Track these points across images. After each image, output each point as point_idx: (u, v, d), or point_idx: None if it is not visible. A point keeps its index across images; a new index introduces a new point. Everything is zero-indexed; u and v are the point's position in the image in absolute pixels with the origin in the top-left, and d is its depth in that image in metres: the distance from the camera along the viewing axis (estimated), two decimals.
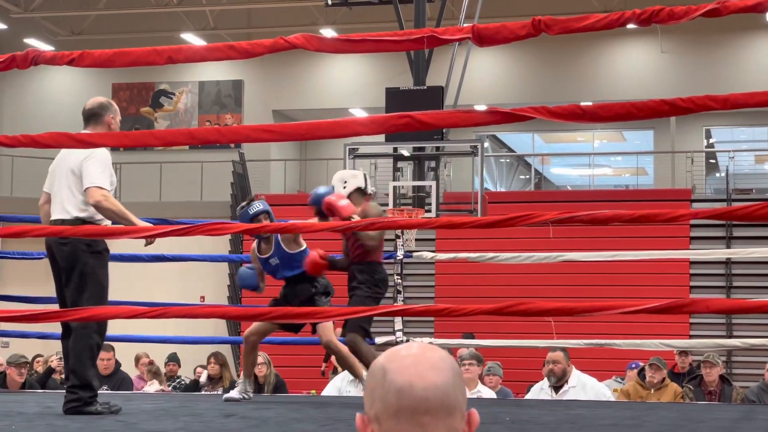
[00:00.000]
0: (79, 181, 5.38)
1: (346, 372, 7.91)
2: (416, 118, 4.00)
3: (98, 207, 5.35)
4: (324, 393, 8.19)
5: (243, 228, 4.19)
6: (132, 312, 3.97)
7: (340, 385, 7.80)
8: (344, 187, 6.58)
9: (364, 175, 6.66)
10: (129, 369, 10.91)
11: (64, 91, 23.94)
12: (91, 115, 5.46)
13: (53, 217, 5.48)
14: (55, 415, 5.37)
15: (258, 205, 6.59)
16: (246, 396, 6.76)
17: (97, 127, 5.41)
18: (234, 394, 6.79)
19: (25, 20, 22.97)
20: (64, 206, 5.45)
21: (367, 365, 6.63)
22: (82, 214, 5.44)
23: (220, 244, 18.83)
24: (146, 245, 5.73)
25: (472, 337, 13.01)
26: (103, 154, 5.33)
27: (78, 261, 5.35)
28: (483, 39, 3.88)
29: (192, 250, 11.32)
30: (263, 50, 4.12)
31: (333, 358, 9.63)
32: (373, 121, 4.21)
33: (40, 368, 12.59)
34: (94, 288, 5.32)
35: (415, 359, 1.59)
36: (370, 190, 6.62)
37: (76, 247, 5.36)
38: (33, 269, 13.33)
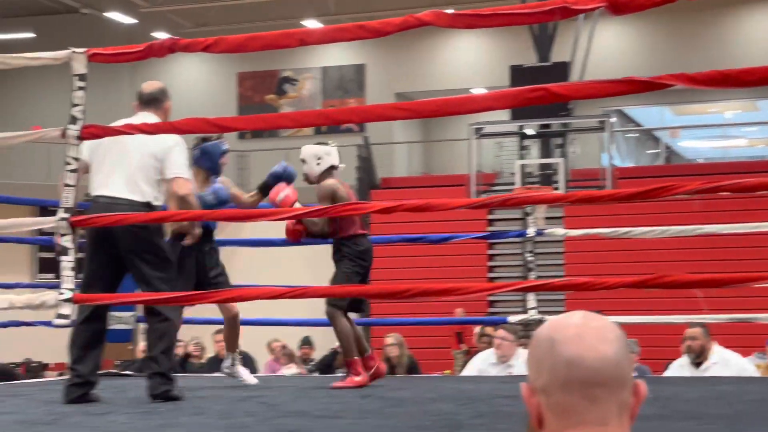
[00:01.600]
0: (156, 167, 5.06)
1: (488, 352, 7.87)
2: (550, 90, 3.93)
3: (184, 200, 5.11)
4: (464, 373, 8.17)
5: (377, 207, 4.19)
6: (273, 293, 4.02)
7: (481, 366, 7.77)
8: (318, 164, 6.46)
9: (338, 151, 6.52)
10: (258, 355, 11.05)
11: (191, 81, 24.43)
12: (152, 100, 5.17)
13: (113, 194, 5.05)
14: (199, 398, 5.48)
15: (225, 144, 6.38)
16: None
17: (156, 112, 5.13)
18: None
19: (153, 14, 23.52)
20: (141, 188, 5.06)
21: (340, 342, 6.51)
22: (156, 202, 5.17)
23: None
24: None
25: None
26: (185, 146, 5.11)
27: (155, 245, 5.12)
28: (618, 7, 3.79)
29: None
30: (393, 29, 4.10)
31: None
32: (505, 95, 4.16)
33: (179, 352, 12.90)
34: (173, 272, 5.17)
35: (582, 329, 1.56)
36: (340, 166, 6.50)
37: (153, 231, 5.14)
38: None
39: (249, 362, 9.86)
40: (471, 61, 23.22)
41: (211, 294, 4.15)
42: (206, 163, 6.39)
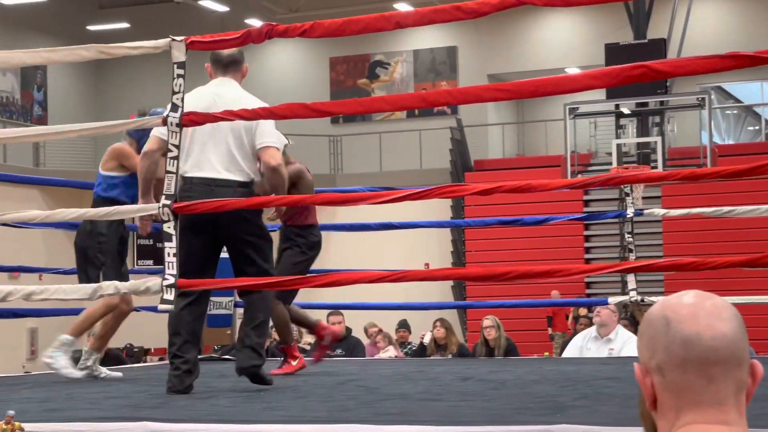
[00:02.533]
0: (250, 140, 4.82)
1: (590, 330, 7.81)
2: (652, 67, 3.85)
3: (275, 171, 4.84)
4: (566, 353, 8.11)
5: (477, 189, 4.16)
6: (373, 276, 4.02)
7: (581, 344, 7.73)
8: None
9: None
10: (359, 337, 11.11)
11: (284, 67, 24.61)
12: (232, 62, 4.95)
13: (213, 175, 4.76)
14: (299, 381, 5.53)
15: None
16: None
17: (235, 75, 4.97)
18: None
19: (245, 1, 23.73)
20: (240, 166, 4.80)
21: (277, 328, 6.31)
22: (256, 179, 4.92)
23: (442, 211, 18.94)
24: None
25: None
26: None
27: (260, 227, 4.95)
28: None
29: (414, 217, 11.41)
30: (490, 9, 4.06)
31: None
32: (605, 73, 4.09)
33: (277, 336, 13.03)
34: (271, 256, 5.02)
35: (696, 308, 1.53)
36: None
37: (258, 214, 4.93)
38: None
39: (358, 346, 9.92)
40: (565, 40, 22.95)
41: (313, 278, 4.18)
42: (138, 136, 5.85)
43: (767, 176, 4.10)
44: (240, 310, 11.60)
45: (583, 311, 15.70)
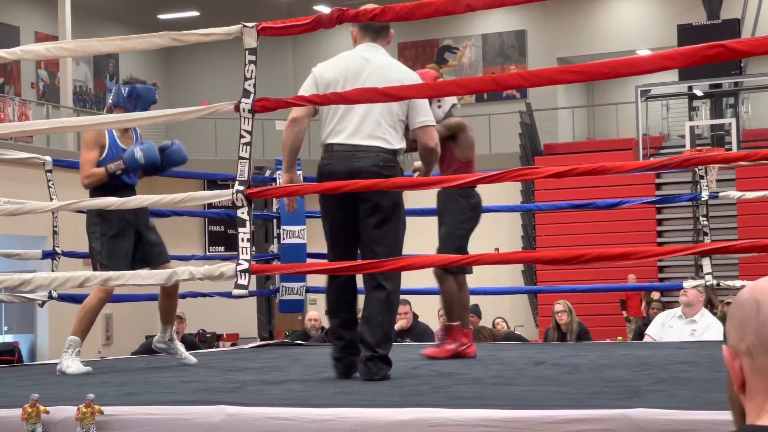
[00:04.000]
0: (401, 110, 4.65)
1: (676, 309, 7.72)
2: (728, 46, 3.77)
3: (433, 151, 4.71)
4: (648, 330, 8.03)
5: (550, 172, 4.11)
6: (446, 260, 4.00)
7: (664, 320, 7.69)
8: (439, 107, 5.91)
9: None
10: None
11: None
12: (383, 27, 4.82)
13: (355, 142, 4.55)
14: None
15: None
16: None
17: (384, 40, 4.90)
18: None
19: None
20: (387, 134, 4.59)
21: (443, 304, 6.08)
22: (403, 146, 4.69)
23: (512, 195, 18.84)
24: None
25: None
26: None
27: (399, 203, 4.69)
28: None
29: (483, 202, 11.31)
30: None
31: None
32: (680, 53, 4.01)
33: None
34: (402, 236, 4.73)
35: None
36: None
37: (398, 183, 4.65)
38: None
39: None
40: (635, 21, 22.66)
41: (385, 262, 4.16)
42: (132, 106, 5.62)
43: None
44: (310, 296, 11.52)
45: (655, 296, 15.54)
